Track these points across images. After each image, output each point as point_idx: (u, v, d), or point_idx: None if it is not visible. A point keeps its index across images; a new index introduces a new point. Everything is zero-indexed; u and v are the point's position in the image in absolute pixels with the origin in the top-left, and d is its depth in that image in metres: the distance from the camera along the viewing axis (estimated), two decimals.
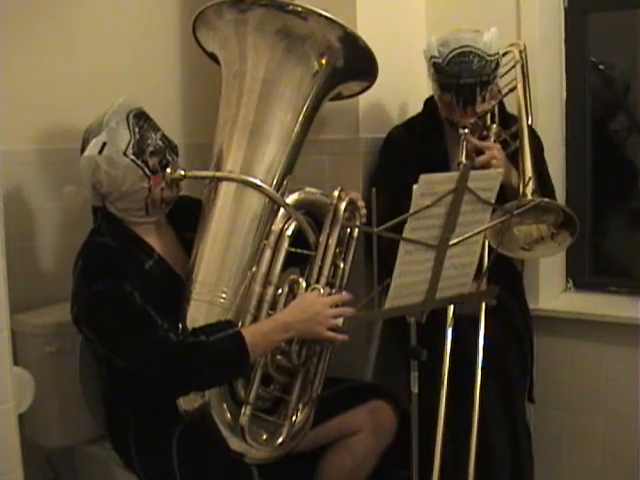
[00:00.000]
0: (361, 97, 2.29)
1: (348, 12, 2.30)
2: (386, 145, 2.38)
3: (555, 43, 2.58)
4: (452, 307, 2.03)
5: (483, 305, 2.09)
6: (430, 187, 1.67)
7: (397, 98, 2.55)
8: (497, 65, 2.14)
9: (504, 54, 2.24)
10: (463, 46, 2.10)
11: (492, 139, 2.21)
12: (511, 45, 2.32)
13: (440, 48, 2.12)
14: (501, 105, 2.29)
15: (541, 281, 2.54)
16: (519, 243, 2.09)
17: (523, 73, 2.29)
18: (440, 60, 2.12)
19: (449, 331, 2.03)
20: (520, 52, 2.32)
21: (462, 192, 1.71)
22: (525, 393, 2.34)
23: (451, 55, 2.10)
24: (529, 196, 2.01)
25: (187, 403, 1.91)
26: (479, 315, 2.09)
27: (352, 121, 2.41)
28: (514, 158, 2.18)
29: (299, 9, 1.92)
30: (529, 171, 2.07)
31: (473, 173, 1.73)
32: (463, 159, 2.13)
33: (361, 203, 2.06)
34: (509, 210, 1.85)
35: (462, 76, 2.09)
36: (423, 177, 1.65)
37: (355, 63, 2.04)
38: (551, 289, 2.61)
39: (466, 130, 2.15)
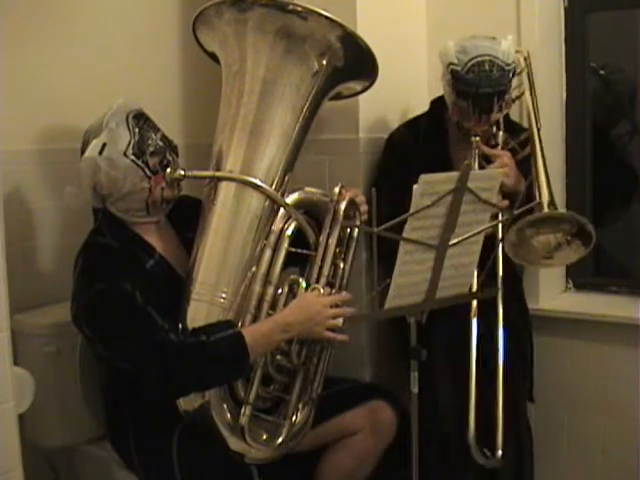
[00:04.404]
0: (361, 97, 2.29)
1: (348, 12, 2.30)
2: (388, 148, 2.38)
3: (555, 43, 2.57)
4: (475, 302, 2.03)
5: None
6: (430, 187, 1.67)
7: (397, 98, 2.54)
8: (513, 74, 2.13)
9: None
10: (483, 55, 2.08)
11: (500, 147, 2.21)
12: (515, 52, 2.29)
13: (459, 55, 2.09)
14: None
15: (541, 281, 2.54)
16: (540, 253, 2.08)
17: (529, 80, 2.29)
18: (459, 68, 2.09)
19: (474, 322, 2.04)
20: (525, 59, 2.31)
21: (462, 192, 1.71)
22: (526, 392, 2.35)
23: (470, 64, 2.07)
24: (545, 207, 2.00)
25: (187, 403, 1.91)
26: (497, 314, 2.10)
27: (352, 121, 2.40)
28: (522, 166, 2.18)
29: (299, 9, 1.92)
30: (543, 181, 2.06)
31: (473, 173, 1.74)
32: (476, 167, 2.12)
33: (361, 199, 2.04)
34: (509, 213, 1.85)
35: (481, 86, 2.07)
36: (423, 177, 1.66)
37: (355, 63, 2.04)
38: (551, 289, 2.61)
39: (477, 137, 2.15)
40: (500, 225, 2.01)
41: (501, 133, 2.22)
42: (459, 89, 2.11)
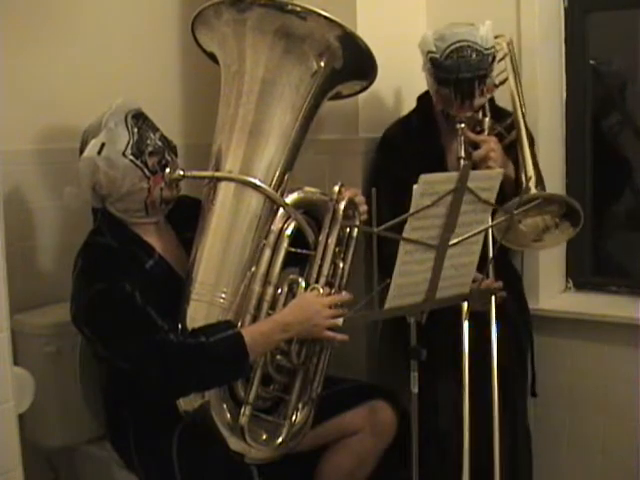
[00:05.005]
0: (360, 97, 2.29)
1: (348, 12, 2.30)
2: (382, 144, 2.38)
3: (555, 43, 2.57)
4: (466, 304, 2.03)
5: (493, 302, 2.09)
6: (430, 187, 1.67)
7: (397, 98, 2.55)
8: (493, 59, 2.15)
9: None
10: (460, 40, 2.09)
11: (486, 132, 2.22)
12: (497, 37, 2.30)
13: (437, 42, 2.11)
14: (491, 98, 2.29)
15: (541, 281, 2.54)
16: (529, 237, 2.09)
17: (513, 65, 2.29)
18: (438, 55, 2.11)
19: (465, 324, 2.03)
20: (507, 44, 2.31)
21: (462, 192, 1.71)
22: (525, 392, 2.35)
23: (449, 50, 2.09)
24: (532, 190, 2.01)
25: (187, 403, 1.90)
26: (489, 313, 2.09)
27: (351, 121, 2.41)
28: (508, 150, 2.19)
29: (298, 9, 1.92)
30: (529, 163, 2.07)
31: (473, 173, 1.74)
32: (462, 154, 2.13)
33: (360, 199, 2.04)
34: (508, 210, 1.85)
35: (461, 71, 2.09)
36: (423, 177, 1.65)
37: (354, 63, 2.04)
38: (551, 289, 2.61)
39: (463, 125, 2.16)
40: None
41: (487, 119, 2.23)
42: (440, 77, 2.13)
